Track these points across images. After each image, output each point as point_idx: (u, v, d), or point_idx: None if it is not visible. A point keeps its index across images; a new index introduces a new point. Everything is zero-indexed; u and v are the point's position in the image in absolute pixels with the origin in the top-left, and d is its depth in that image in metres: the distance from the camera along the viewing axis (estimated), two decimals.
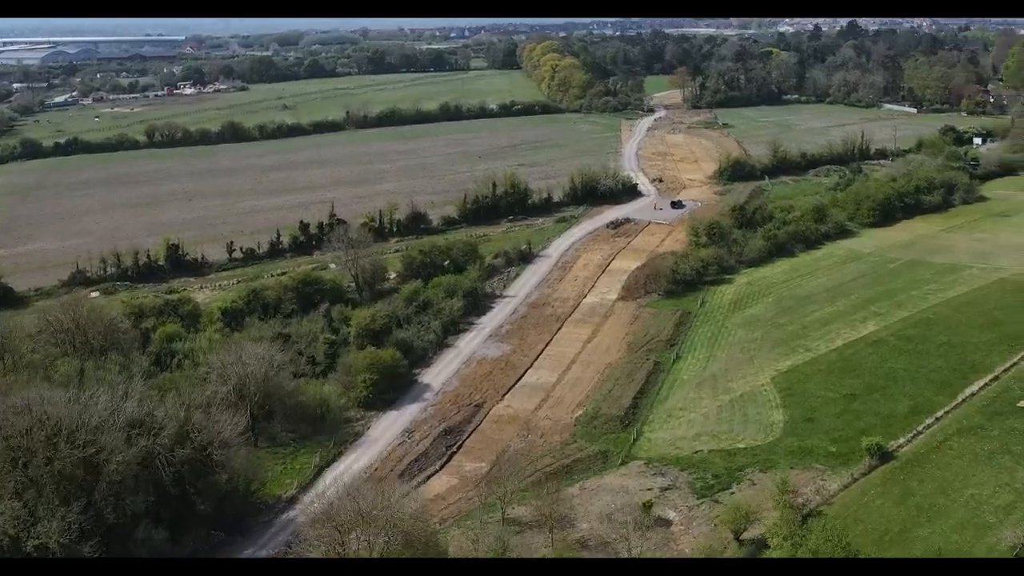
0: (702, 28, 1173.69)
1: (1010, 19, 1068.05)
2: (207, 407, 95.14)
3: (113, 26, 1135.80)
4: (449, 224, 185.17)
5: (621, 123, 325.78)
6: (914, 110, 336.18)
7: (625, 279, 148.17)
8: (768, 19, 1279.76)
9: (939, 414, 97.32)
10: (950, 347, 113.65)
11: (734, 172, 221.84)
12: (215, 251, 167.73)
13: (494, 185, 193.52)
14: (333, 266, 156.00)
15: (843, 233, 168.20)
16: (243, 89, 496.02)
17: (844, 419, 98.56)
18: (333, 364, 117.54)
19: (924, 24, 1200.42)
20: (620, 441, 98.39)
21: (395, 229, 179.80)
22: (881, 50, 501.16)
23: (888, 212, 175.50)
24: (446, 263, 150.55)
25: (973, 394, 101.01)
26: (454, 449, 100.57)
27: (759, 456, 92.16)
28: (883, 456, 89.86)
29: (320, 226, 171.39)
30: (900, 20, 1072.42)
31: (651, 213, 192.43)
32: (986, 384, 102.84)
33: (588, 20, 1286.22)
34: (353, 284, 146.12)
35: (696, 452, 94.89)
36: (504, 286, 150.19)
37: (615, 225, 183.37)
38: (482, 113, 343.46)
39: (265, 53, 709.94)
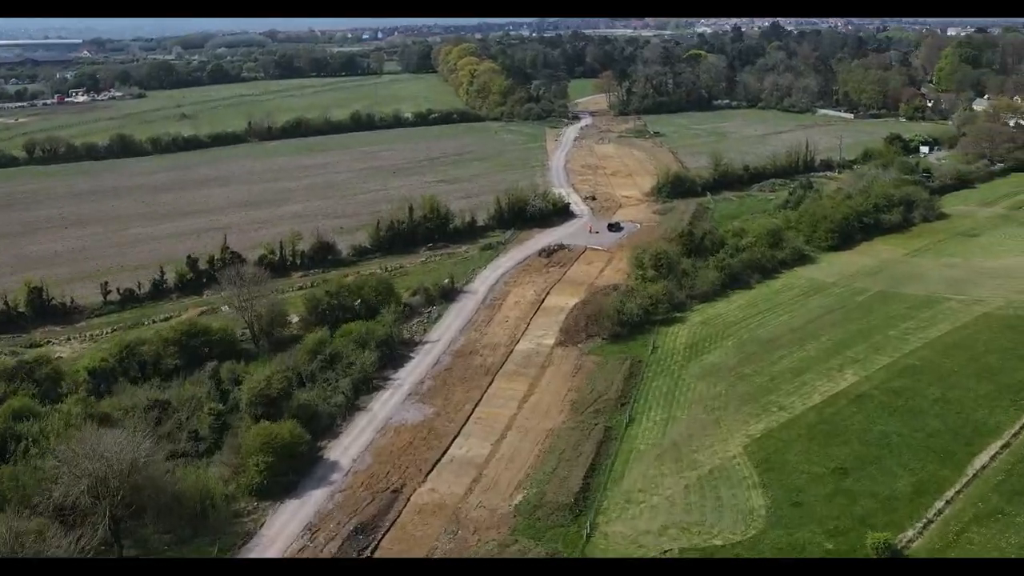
0: (619, 29, 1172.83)
1: (931, 18, 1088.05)
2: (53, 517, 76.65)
3: (12, 28, 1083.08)
4: (360, 255, 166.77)
5: (546, 132, 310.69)
6: (851, 115, 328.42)
7: (563, 319, 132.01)
8: (686, 19, 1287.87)
9: (949, 495, 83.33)
10: (945, 403, 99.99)
11: (673, 188, 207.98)
12: (89, 291, 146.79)
13: (411, 209, 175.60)
14: (225, 309, 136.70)
15: (801, 259, 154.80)
16: (140, 96, 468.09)
17: (837, 503, 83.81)
18: (220, 439, 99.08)
19: (839, 24, 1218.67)
20: (570, 538, 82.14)
21: (299, 262, 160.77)
22: (807, 51, 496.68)
23: (847, 234, 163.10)
24: (357, 304, 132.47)
25: (984, 466, 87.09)
26: (368, 553, 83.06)
27: (741, 556, 76.42)
28: (892, 555, 74.98)
29: (211, 261, 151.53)
30: (819, 21, 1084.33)
31: (586, 237, 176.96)
32: (996, 453, 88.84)
33: (504, 20, 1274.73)
34: (248, 332, 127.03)
35: (664, 552, 78.91)
36: (424, 330, 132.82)
37: (548, 253, 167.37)
38: (396, 123, 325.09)
39: (167, 57, 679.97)
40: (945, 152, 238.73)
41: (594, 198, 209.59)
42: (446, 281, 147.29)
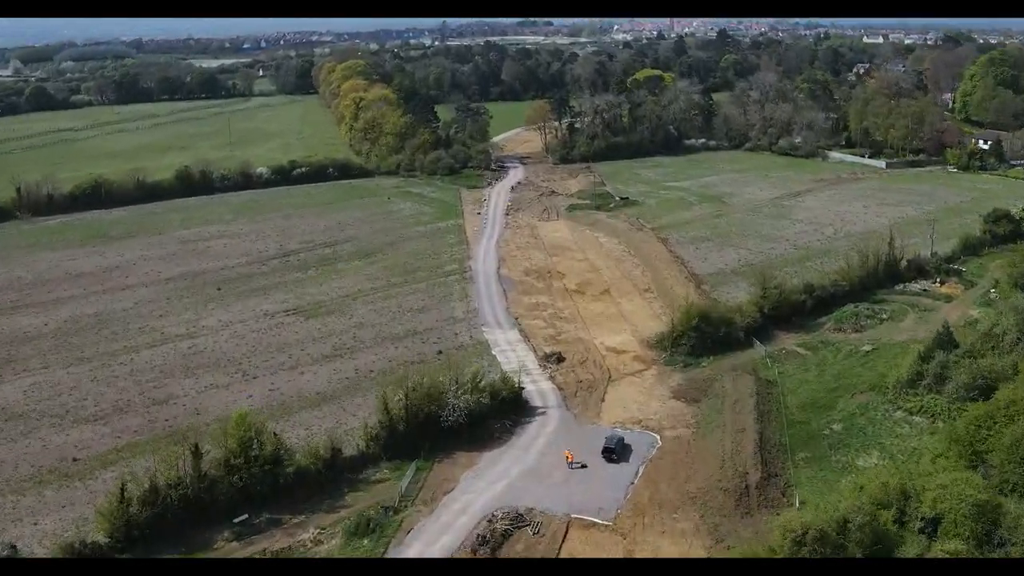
0: (530, 36, 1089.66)
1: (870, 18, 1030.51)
2: None
3: None
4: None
5: (461, 196, 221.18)
6: (879, 163, 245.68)
7: None
8: (600, 24, 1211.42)
9: None
10: None
11: (699, 337, 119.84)
12: None
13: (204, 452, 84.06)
14: None
15: None
16: None
17: None
18: None
19: (764, 27, 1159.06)
20: None
21: None
22: (770, 66, 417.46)
23: None
24: None
25: None
26: None
27: None
28: None
29: None
30: (735, 25, 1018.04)
31: (563, 480, 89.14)
32: None
33: (404, 25, 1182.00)
34: None
35: None
36: None
37: (485, 541, 78.63)
38: (245, 182, 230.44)
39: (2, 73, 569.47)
40: None
41: (560, 358, 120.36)
42: None
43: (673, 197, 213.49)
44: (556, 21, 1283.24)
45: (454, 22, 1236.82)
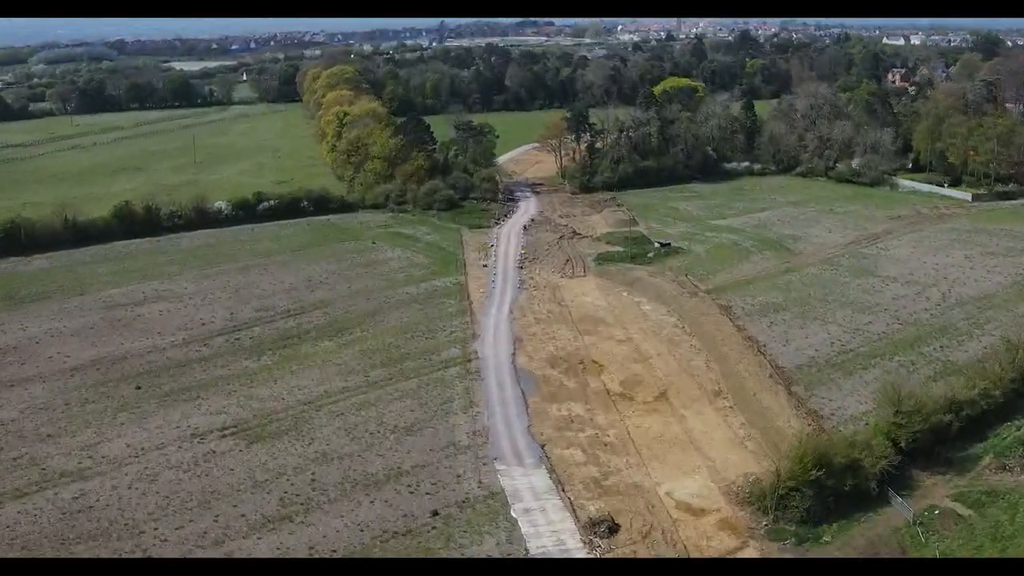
0: (531, 37, 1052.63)
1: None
2: None
3: None
4: None
5: (463, 239, 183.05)
6: (964, 194, 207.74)
7: None
8: (605, 25, 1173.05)
9: None
10: None
11: (817, 492, 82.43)
12: None
13: None
14: None
15: None
16: None
17: None
18: None
19: (772, 29, 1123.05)
20: None
21: None
22: (802, 72, 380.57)
23: None
24: None
25: None
26: None
27: None
28: None
29: None
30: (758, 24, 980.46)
31: None
32: None
33: (399, 25, 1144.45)
34: None
35: None
36: None
37: None
38: (201, 220, 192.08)
39: None
40: None
41: (612, 527, 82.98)
42: None
43: (725, 242, 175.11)
44: (558, 21, 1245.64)
45: (452, 22, 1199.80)
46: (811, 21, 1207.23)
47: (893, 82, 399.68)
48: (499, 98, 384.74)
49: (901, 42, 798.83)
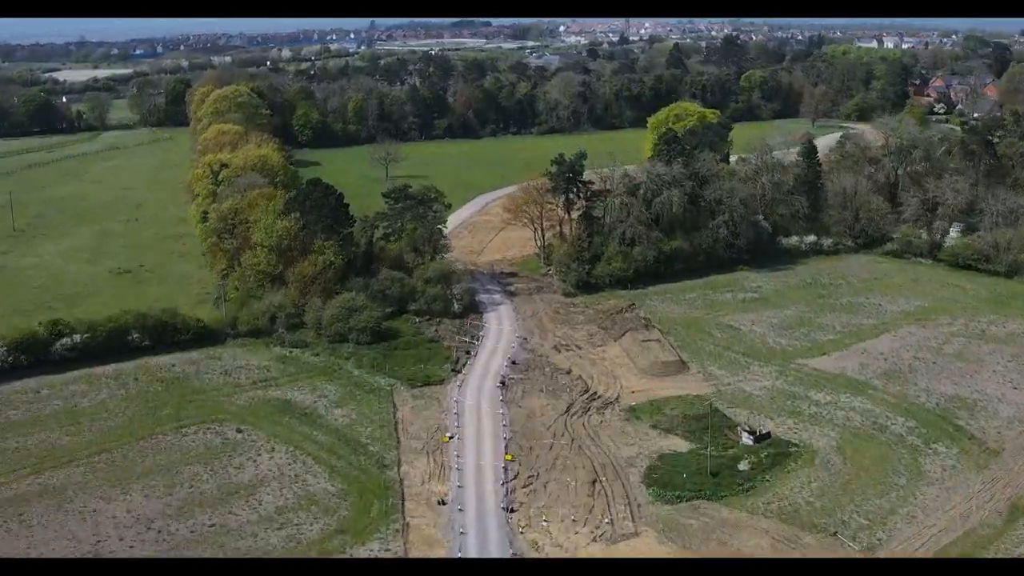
0: (469, 39, 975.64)
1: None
2: None
3: None
4: None
5: (397, 418, 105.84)
6: None
7: None
8: (548, 27, 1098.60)
9: None
10: None
11: None
12: None
13: None
14: None
15: None
16: None
17: None
18: None
19: (725, 28, 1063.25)
20: None
21: None
22: (810, 86, 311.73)
23: None
24: None
25: None
26: None
27: None
28: None
29: None
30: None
31: None
32: None
33: (327, 25, 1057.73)
34: None
35: None
36: None
37: None
38: None
39: None
40: None
41: None
42: None
43: (856, 421, 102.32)
44: (496, 20, 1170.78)
45: (383, 22, 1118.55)
46: (760, 21, 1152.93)
47: (929, 98, 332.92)
48: (441, 122, 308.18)
49: (874, 44, 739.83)
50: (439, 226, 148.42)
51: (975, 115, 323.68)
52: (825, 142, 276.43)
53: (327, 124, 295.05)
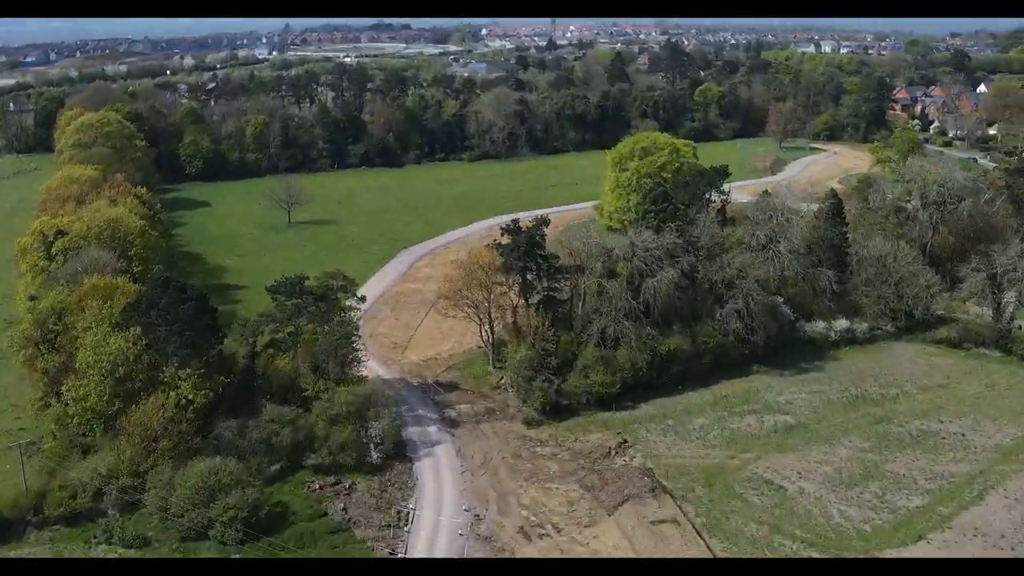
0: (387, 44, 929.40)
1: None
2: None
3: None
4: None
5: None
6: None
7: None
8: (470, 28, 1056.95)
9: None
10: None
11: None
12: None
13: None
14: None
15: None
16: None
17: None
18: None
19: (650, 30, 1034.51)
20: None
21: None
22: (774, 102, 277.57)
23: None
24: None
25: None
26: None
27: None
28: None
29: None
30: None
31: None
32: None
33: (241, 27, 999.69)
34: None
35: None
36: None
37: None
38: None
39: None
40: None
41: None
42: None
43: None
44: (416, 23, 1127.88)
45: (298, 24, 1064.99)
46: (687, 22, 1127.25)
47: (903, 114, 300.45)
48: (356, 148, 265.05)
49: (812, 49, 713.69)
50: (349, 334, 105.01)
51: (956, 133, 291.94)
52: (813, 173, 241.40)
53: (221, 153, 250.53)
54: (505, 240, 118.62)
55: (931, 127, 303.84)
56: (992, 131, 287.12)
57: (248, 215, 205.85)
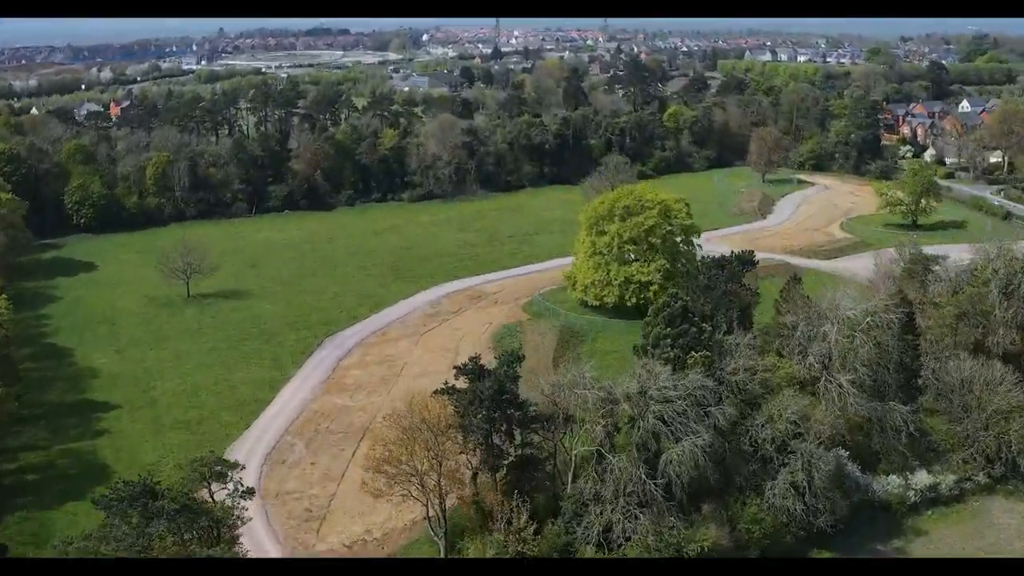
0: (324, 51, 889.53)
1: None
2: None
3: None
4: None
5: None
6: None
7: None
8: (411, 36, 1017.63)
9: None
10: None
11: None
12: None
13: None
14: None
15: None
16: None
17: None
18: None
19: (596, 36, 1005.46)
20: None
21: None
22: (753, 127, 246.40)
23: None
24: None
25: None
26: None
27: None
28: None
29: None
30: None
31: None
32: None
33: (171, 32, 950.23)
34: None
35: None
36: None
37: None
38: None
39: None
40: None
41: None
42: None
43: None
44: (355, 28, 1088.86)
45: (233, 28, 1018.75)
46: (633, 26, 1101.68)
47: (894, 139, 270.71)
48: (278, 189, 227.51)
49: (768, 57, 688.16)
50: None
51: (951, 160, 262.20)
52: (808, 215, 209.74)
53: (116, 198, 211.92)
54: (462, 384, 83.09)
55: (925, 153, 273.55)
56: (994, 159, 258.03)
57: (139, 283, 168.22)
